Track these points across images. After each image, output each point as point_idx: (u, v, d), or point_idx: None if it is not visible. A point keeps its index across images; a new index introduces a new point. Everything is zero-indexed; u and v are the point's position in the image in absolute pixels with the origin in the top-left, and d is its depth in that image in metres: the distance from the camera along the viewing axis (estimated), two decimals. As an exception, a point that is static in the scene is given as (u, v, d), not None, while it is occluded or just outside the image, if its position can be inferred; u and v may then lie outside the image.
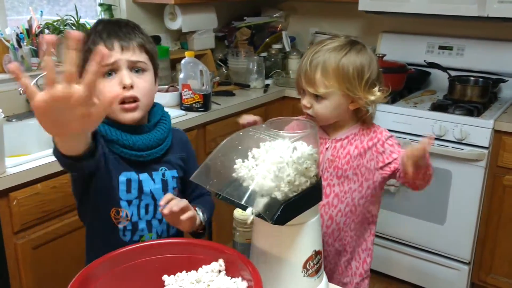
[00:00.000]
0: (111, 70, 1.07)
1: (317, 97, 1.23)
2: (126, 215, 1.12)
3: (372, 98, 1.22)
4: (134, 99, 1.09)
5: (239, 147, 0.88)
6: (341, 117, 1.27)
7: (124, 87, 1.07)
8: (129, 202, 1.12)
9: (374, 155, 1.25)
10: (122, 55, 1.07)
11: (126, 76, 1.07)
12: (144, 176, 1.14)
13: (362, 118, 1.29)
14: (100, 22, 1.15)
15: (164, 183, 1.16)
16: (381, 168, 1.26)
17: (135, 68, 1.10)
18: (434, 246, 2.33)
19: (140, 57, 1.11)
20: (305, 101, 1.25)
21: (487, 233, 2.24)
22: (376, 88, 1.22)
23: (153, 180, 1.15)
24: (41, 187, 1.55)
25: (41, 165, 1.53)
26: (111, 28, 1.10)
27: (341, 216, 1.30)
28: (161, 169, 1.16)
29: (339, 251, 1.34)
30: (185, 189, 1.24)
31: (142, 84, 1.10)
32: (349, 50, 1.21)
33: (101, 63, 0.68)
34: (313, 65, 1.21)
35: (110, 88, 1.06)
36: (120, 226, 1.13)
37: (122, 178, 1.11)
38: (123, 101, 1.08)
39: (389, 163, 1.24)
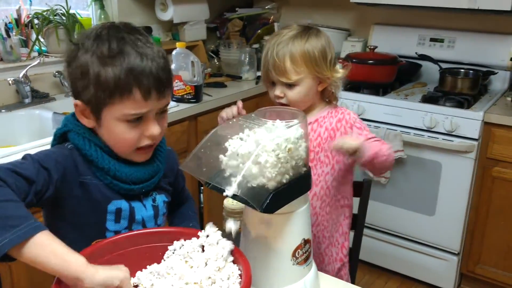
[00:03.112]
0: (138, 118, 0.93)
1: (290, 86, 1.28)
2: None
3: (338, 75, 1.30)
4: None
5: (229, 137, 0.88)
6: (312, 100, 1.33)
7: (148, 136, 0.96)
8: (117, 233, 1.00)
9: (343, 136, 1.31)
10: (158, 103, 0.94)
11: (156, 127, 0.95)
12: (136, 204, 1.02)
13: (329, 99, 1.36)
14: (125, 45, 0.90)
15: (156, 209, 1.06)
16: None
17: (161, 111, 0.97)
18: (424, 237, 2.36)
19: (169, 98, 0.98)
20: (278, 91, 1.30)
21: (476, 224, 2.26)
22: (338, 66, 1.31)
23: (144, 206, 1.04)
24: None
25: (31, 156, 1.52)
26: (150, 70, 0.90)
27: (316, 199, 1.35)
28: (152, 194, 1.06)
29: (317, 237, 1.37)
30: (173, 199, 1.15)
31: (164, 124, 1.00)
32: (308, 35, 1.28)
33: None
34: (281, 56, 1.26)
35: (132, 136, 0.94)
36: None
37: (112, 207, 0.98)
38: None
39: None
